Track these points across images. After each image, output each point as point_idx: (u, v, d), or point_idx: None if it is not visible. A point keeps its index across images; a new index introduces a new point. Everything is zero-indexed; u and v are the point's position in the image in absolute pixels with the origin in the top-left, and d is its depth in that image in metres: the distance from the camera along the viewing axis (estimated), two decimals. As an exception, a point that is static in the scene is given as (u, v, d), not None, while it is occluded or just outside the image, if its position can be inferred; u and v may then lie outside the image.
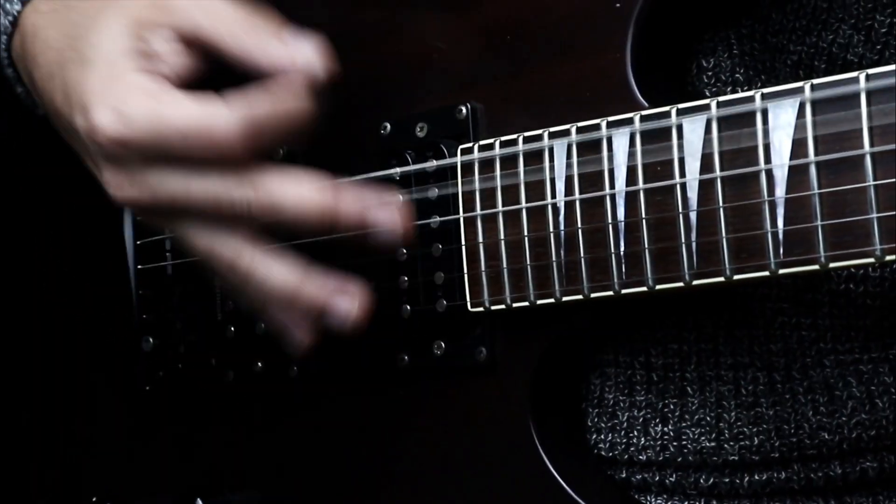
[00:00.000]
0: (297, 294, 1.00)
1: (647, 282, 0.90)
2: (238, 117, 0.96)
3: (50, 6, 1.09)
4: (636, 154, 0.90)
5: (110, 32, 1.01)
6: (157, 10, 1.01)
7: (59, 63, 1.05)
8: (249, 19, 1.00)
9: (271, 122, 0.97)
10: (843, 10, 0.95)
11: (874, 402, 1.00)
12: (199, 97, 0.97)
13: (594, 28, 0.95)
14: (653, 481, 1.03)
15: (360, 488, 1.10)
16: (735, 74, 1.00)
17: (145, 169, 0.99)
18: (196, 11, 1.00)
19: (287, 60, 0.99)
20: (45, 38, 1.08)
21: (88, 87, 1.00)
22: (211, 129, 0.96)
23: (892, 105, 0.80)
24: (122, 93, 0.98)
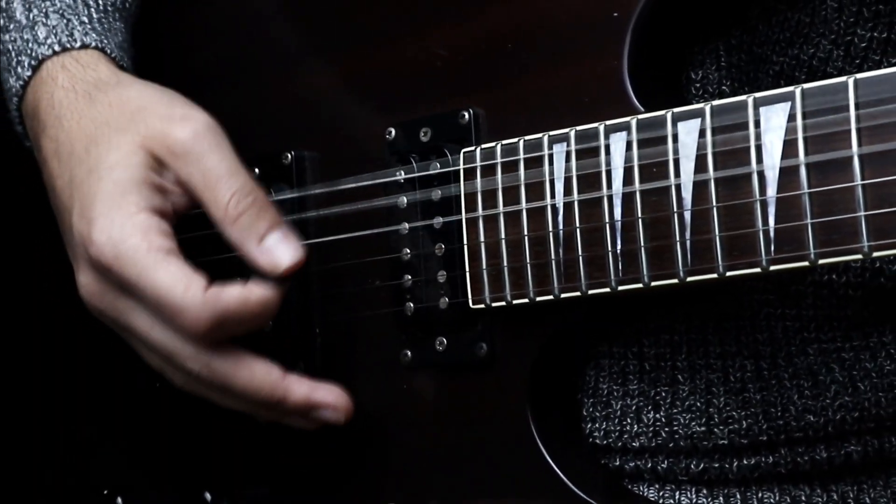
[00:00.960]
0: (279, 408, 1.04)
1: (643, 279, 0.91)
2: (209, 308, 0.98)
3: (69, 83, 1.09)
4: (633, 156, 0.91)
5: (125, 155, 1.03)
6: (167, 151, 1.03)
7: (68, 152, 1.06)
8: (238, 205, 1.01)
9: (237, 318, 1.00)
10: (824, 26, 0.96)
11: (856, 385, 1.01)
12: (186, 269, 0.99)
13: (592, 35, 0.95)
14: (645, 468, 1.04)
15: (365, 480, 1.10)
16: (721, 86, 1.00)
17: (119, 295, 1.03)
18: (195, 171, 1.02)
19: (255, 262, 1.01)
20: (59, 115, 1.08)
21: (95, 201, 1.02)
22: (182, 308, 0.98)
23: (878, 108, 0.81)
24: (124, 227, 1.00)
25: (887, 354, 1.01)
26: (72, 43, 1.10)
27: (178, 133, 1.03)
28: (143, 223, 1.00)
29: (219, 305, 0.98)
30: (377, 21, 1.07)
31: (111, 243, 1.00)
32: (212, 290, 0.99)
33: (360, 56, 1.06)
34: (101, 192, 1.02)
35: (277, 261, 1.01)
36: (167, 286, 0.99)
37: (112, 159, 1.02)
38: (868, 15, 0.95)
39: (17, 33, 1.12)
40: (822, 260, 0.84)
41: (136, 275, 0.99)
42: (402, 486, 1.07)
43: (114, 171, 1.02)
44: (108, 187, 1.01)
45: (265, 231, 1.01)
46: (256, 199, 1.02)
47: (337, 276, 1.09)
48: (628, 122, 0.91)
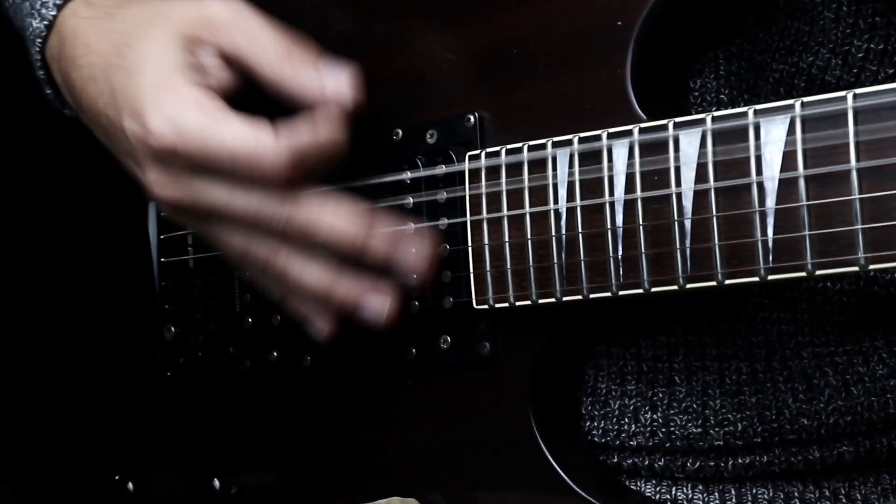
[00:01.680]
0: (329, 293, 1.01)
1: (644, 284, 0.90)
2: (284, 148, 0.96)
3: (91, 12, 1.08)
4: (635, 164, 0.90)
5: (160, 44, 1.00)
6: (203, 27, 1.01)
7: (103, 67, 1.04)
8: (288, 48, 1.00)
9: (313, 154, 0.97)
10: (822, 35, 0.95)
11: (849, 389, 1.00)
12: (249, 121, 0.97)
13: (596, 44, 0.95)
14: (642, 465, 1.04)
15: (370, 471, 1.09)
16: (720, 95, 1.00)
17: (191, 176, 0.99)
18: (239, 35, 1.00)
19: (318, 91, 0.99)
20: (86, 42, 1.07)
21: (142, 94, 0.99)
22: (258, 155, 0.96)
23: (877, 123, 0.81)
24: (177, 104, 0.98)
25: (879, 359, 1.01)
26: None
27: (212, 8, 1.01)
28: (194, 96, 0.98)
29: (293, 143, 0.96)
30: (386, 27, 1.07)
31: (169, 124, 0.98)
32: (282, 133, 0.97)
33: (368, 60, 1.05)
34: (145, 85, 1.00)
35: (338, 78, 0.99)
36: (238, 140, 0.97)
37: (148, 50, 1.01)
38: (864, 26, 0.94)
39: None
40: (819, 271, 0.83)
41: (203, 143, 0.97)
42: (406, 478, 1.07)
43: (153, 60, 1.00)
44: (151, 78, 1.00)
45: (316, 62, 0.99)
46: (302, 47, 1.00)
47: (345, 274, 1.09)
48: (631, 129, 0.91)
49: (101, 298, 1.26)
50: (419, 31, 1.05)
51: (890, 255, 0.80)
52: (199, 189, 1.00)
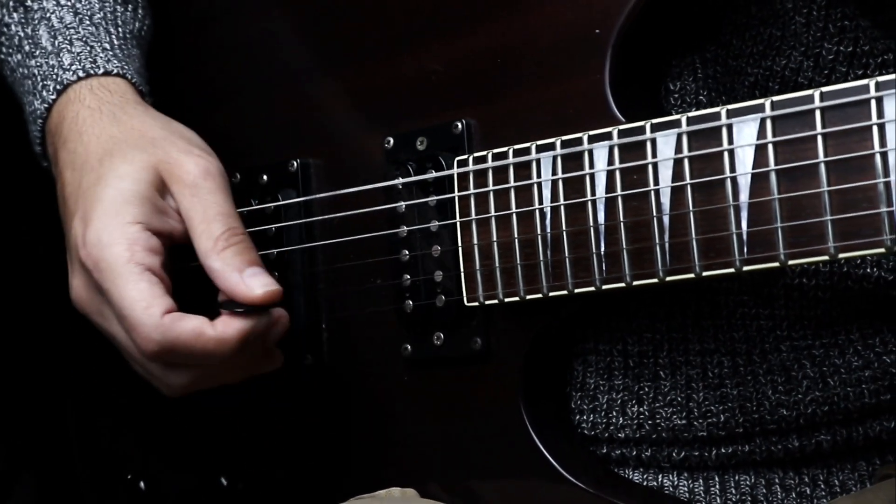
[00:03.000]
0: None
1: (626, 278, 0.90)
2: (159, 334, 0.98)
3: (96, 104, 1.08)
4: (615, 164, 0.90)
5: (135, 170, 1.02)
6: (175, 179, 1.02)
7: (83, 162, 1.05)
8: (229, 249, 1.00)
9: (187, 350, 0.99)
10: (794, 39, 0.95)
11: (826, 381, 1.00)
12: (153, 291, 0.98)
13: (576, 52, 0.95)
14: (630, 456, 1.03)
15: (369, 464, 1.09)
16: (699, 96, 1.00)
17: (102, 298, 1.02)
18: (196, 204, 1.01)
19: (236, 290, 0.99)
20: (80, 132, 1.07)
21: (96, 207, 1.01)
22: (136, 326, 0.99)
23: (843, 120, 0.81)
24: (114, 235, 1.00)
25: (854, 351, 1.00)
26: (95, 69, 1.10)
27: (192, 165, 1.02)
28: (133, 235, 1.00)
29: (171, 332, 0.98)
30: (377, 39, 1.07)
31: (99, 246, 0.99)
32: (170, 316, 0.98)
33: (360, 71, 1.06)
34: (104, 198, 1.01)
35: (253, 287, 0.98)
36: (130, 300, 0.98)
37: (122, 170, 1.02)
38: (834, 30, 0.94)
39: (43, 59, 1.11)
40: (791, 261, 0.83)
41: (109, 281, 0.99)
42: (404, 470, 1.06)
43: (122, 181, 1.01)
44: (111, 194, 1.01)
45: (247, 265, 1.00)
46: (245, 240, 1.01)
47: (341, 275, 1.09)
48: (610, 132, 0.91)
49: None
50: (407, 44, 1.05)
51: (857, 244, 0.80)
52: (103, 313, 1.03)
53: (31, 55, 1.12)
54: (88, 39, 1.11)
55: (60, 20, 1.12)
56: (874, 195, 0.79)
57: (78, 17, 1.13)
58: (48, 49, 1.11)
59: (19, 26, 1.14)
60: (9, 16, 1.15)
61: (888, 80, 0.79)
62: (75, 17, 1.13)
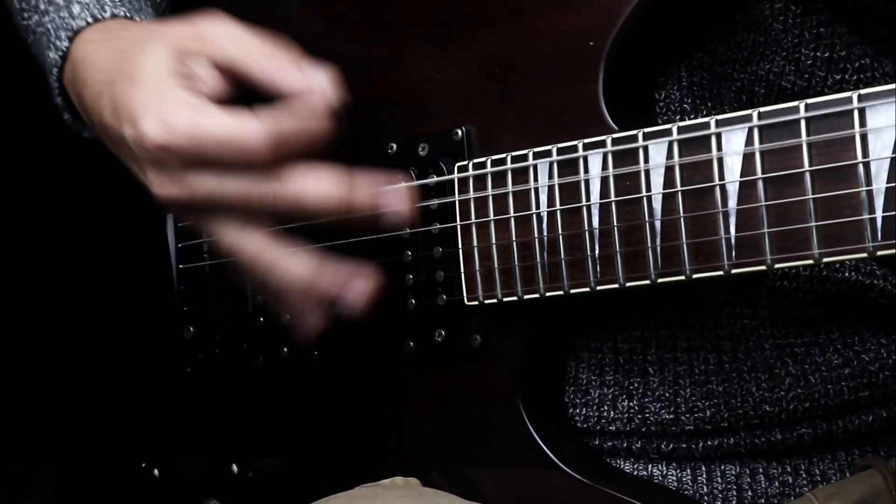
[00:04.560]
0: (311, 285, 0.98)
1: (619, 280, 0.90)
2: (265, 130, 0.94)
3: (99, 37, 1.08)
4: (608, 171, 0.90)
5: (155, 56, 0.99)
6: (195, 40, 0.99)
7: (107, 82, 1.03)
8: (274, 51, 0.98)
9: (293, 136, 0.95)
10: (776, 44, 0.94)
11: (808, 378, 0.99)
12: (233, 111, 0.96)
13: (571, 63, 0.94)
14: (621, 447, 1.02)
15: (373, 454, 1.08)
16: (683, 104, 0.99)
17: (185, 171, 0.97)
18: (228, 43, 0.99)
19: (304, 86, 0.97)
20: (94, 63, 1.06)
21: (136, 102, 0.98)
22: (242, 139, 0.94)
23: (828, 129, 0.80)
24: (167, 105, 0.96)
25: (835, 350, 1.00)
26: (102, 14, 1.09)
27: (204, 24, 1.00)
28: (182, 97, 0.97)
29: (273, 127, 0.94)
30: (380, 48, 1.06)
31: (160, 125, 0.96)
32: (263, 116, 0.95)
33: (364, 80, 1.05)
34: (140, 93, 0.98)
35: (319, 75, 0.97)
36: (222, 128, 0.95)
37: (143, 61, 0.99)
38: (810, 37, 0.93)
39: (56, 13, 1.11)
40: (777, 264, 0.83)
41: (191, 136, 0.95)
42: (406, 460, 1.06)
43: (147, 69, 0.99)
44: (144, 86, 0.98)
45: (300, 63, 0.97)
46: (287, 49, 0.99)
47: (346, 275, 1.08)
48: (604, 140, 0.90)
49: (128, 303, 1.25)
50: (410, 53, 1.04)
51: (841, 249, 0.80)
52: (194, 182, 0.98)
53: (45, 13, 1.12)
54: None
55: None
56: (857, 202, 0.79)
57: None
58: (60, 4, 1.11)
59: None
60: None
61: (871, 92, 0.78)
62: None
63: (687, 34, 0.98)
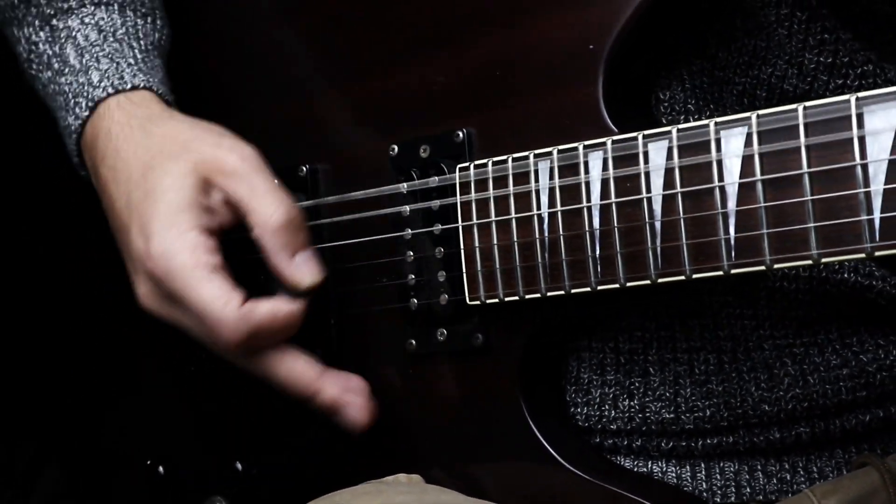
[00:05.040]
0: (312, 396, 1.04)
1: (620, 280, 0.90)
2: (243, 325, 0.99)
3: (125, 119, 1.08)
4: (609, 172, 0.89)
5: (178, 179, 1.03)
6: (217, 172, 1.03)
7: (126, 179, 1.06)
8: (282, 219, 1.01)
9: (268, 332, 1.01)
10: (778, 49, 0.94)
11: (806, 378, 0.99)
12: (226, 286, 1.00)
13: (571, 66, 0.94)
14: (622, 445, 1.02)
15: (377, 451, 1.08)
16: (687, 105, 0.99)
17: (172, 302, 1.03)
18: (244, 188, 1.02)
19: (288, 274, 1.01)
20: (116, 147, 1.08)
21: (153, 219, 1.02)
22: (220, 324, 1.00)
23: (826, 131, 0.80)
24: (177, 244, 1.00)
25: (833, 350, 1.00)
26: (123, 85, 1.10)
27: (229, 157, 1.03)
28: (193, 241, 1.01)
29: (252, 320, 0.99)
30: (382, 51, 1.06)
31: (164, 258, 1.00)
32: (246, 306, 1.00)
33: (367, 81, 1.06)
34: (157, 213, 1.02)
35: (302, 277, 1.02)
36: (208, 301, 0.99)
37: (166, 183, 1.02)
38: (814, 42, 0.93)
39: (73, 77, 1.11)
40: (776, 265, 0.83)
41: (182, 288, 1.00)
42: (409, 457, 1.06)
43: (167, 193, 1.02)
44: (163, 208, 1.02)
45: (298, 247, 1.02)
46: (296, 217, 1.02)
47: (349, 275, 1.08)
48: (605, 142, 0.90)
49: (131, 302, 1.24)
50: (412, 56, 1.04)
51: (840, 250, 0.80)
52: (177, 315, 1.04)
53: (60, 73, 1.12)
54: (114, 56, 1.11)
55: (86, 38, 1.12)
56: (855, 204, 0.78)
57: (102, 35, 1.13)
58: (76, 67, 1.11)
59: (47, 45, 1.13)
60: (35, 34, 1.14)
61: (869, 95, 0.78)
62: (99, 34, 1.13)
63: (686, 38, 0.97)
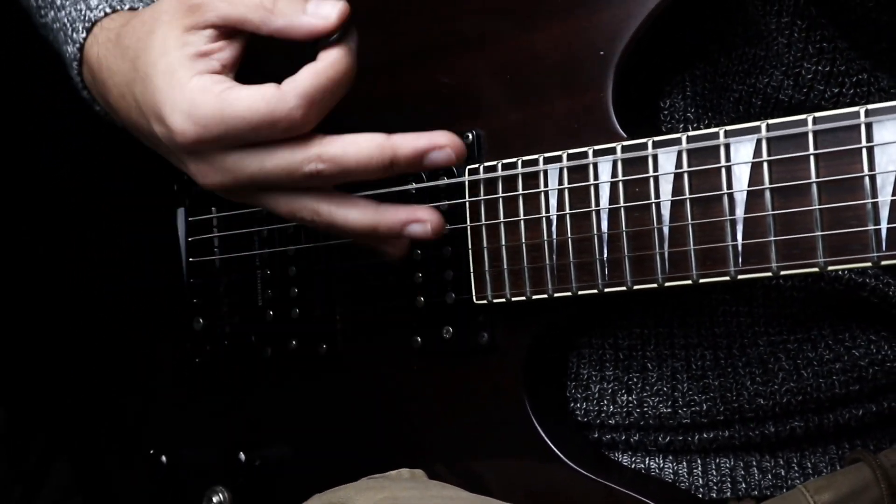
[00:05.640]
0: (375, 230, 0.97)
1: (627, 283, 0.90)
2: (293, 97, 0.92)
3: (105, 36, 1.06)
4: (618, 177, 0.89)
5: (161, 47, 0.97)
6: (190, 14, 0.96)
7: (126, 83, 1.01)
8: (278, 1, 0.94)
9: (322, 92, 0.93)
10: (776, 59, 0.94)
11: (800, 373, 1.00)
12: (254, 87, 0.93)
13: (581, 71, 0.94)
14: (620, 440, 1.03)
15: (380, 446, 1.08)
16: (686, 113, 0.99)
17: (224, 156, 0.96)
18: (221, 5, 0.95)
19: (315, 27, 0.94)
20: (108, 66, 1.05)
21: (157, 98, 0.96)
22: (273, 114, 0.92)
23: (835, 142, 0.80)
24: (189, 97, 0.94)
25: (826, 346, 1.01)
26: (122, 5, 1.07)
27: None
28: (199, 85, 0.94)
29: (298, 88, 0.92)
30: (394, 53, 1.05)
31: (187, 119, 0.94)
32: (285, 83, 0.93)
33: (377, 82, 1.05)
34: (158, 88, 0.96)
35: (327, 15, 0.93)
36: (250, 107, 0.92)
37: (152, 57, 0.97)
38: (813, 51, 0.93)
39: (72, 6, 1.09)
40: (783, 272, 0.83)
41: (220, 122, 0.93)
42: (412, 452, 1.06)
43: (158, 64, 0.96)
44: (160, 80, 0.96)
45: (303, 2, 0.94)
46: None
47: (357, 272, 1.07)
48: (614, 147, 0.90)
49: (138, 296, 1.24)
50: (423, 58, 1.03)
51: (846, 258, 0.80)
52: (235, 166, 0.96)
53: (62, 7, 1.10)
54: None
55: None
56: (863, 214, 0.79)
57: None
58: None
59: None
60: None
61: (878, 107, 0.79)
62: None
63: (693, 45, 0.97)
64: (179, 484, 1.21)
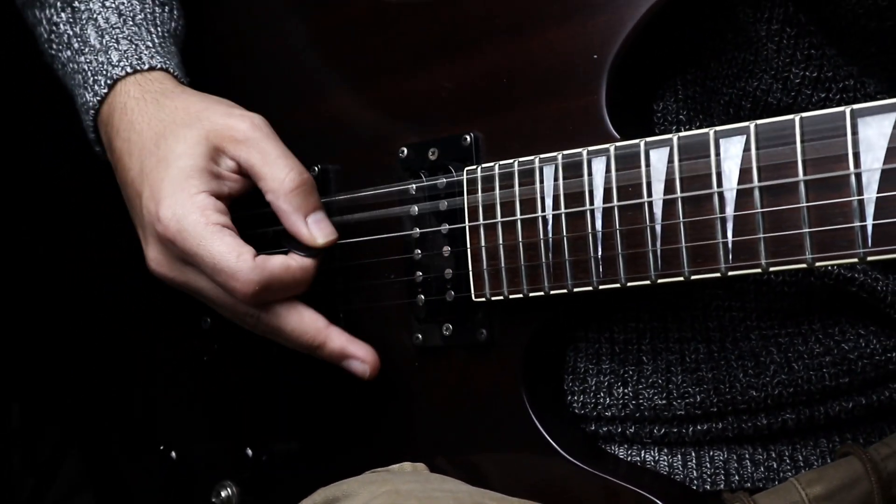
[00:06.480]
0: (315, 351, 1.04)
1: (621, 280, 0.90)
2: (257, 275, 0.99)
3: (140, 94, 1.09)
4: (611, 177, 0.90)
5: (189, 146, 1.03)
6: (228, 140, 1.03)
7: (139, 148, 1.06)
8: (294, 184, 1.02)
9: (280, 285, 1.01)
10: (765, 64, 0.95)
11: (791, 365, 1.00)
12: (237, 242, 1.00)
13: (576, 74, 0.94)
14: (616, 432, 1.03)
15: (383, 441, 1.09)
16: (679, 115, 0.99)
17: (184, 265, 1.03)
18: (255, 154, 1.02)
19: (303, 235, 1.02)
20: (131, 119, 1.08)
21: (163, 184, 1.02)
22: (234, 274, 1.00)
23: (820, 143, 0.81)
24: (188, 207, 1.00)
25: (816, 339, 1.01)
26: (141, 65, 1.10)
27: (239, 124, 1.03)
28: (202, 202, 1.01)
29: (265, 270, 0.99)
30: (393, 57, 1.06)
31: (175, 219, 1.00)
32: (259, 258, 1.00)
33: (378, 86, 1.05)
34: (168, 178, 1.02)
35: (316, 236, 1.02)
36: (221, 254, 0.99)
37: (178, 150, 1.02)
38: (801, 57, 0.94)
39: (93, 56, 1.11)
40: (772, 268, 0.83)
41: (195, 245, 1.00)
42: (414, 446, 1.06)
43: (179, 159, 1.02)
44: (174, 173, 1.02)
45: (311, 209, 1.02)
46: (308, 180, 1.03)
47: (358, 271, 1.08)
48: (607, 148, 0.90)
49: (149, 295, 1.24)
50: (421, 62, 1.04)
51: (833, 254, 0.81)
52: (188, 276, 1.04)
53: (80, 52, 1.12)
54: (133, 38, 1.12)
55: (106, 20, 1.12)
56: (849, 211, 0.79)
57: (122, 18, 1.13)
58: (96, 47, 1.11)
59: (68, 25, 1.13)
60: (57, 15, 1.14)
61: (863, 107, 0.79)
62: (119, 17, 1.13)
63: (684, 49, 0.98)
64: (188, 478, 1.22)
